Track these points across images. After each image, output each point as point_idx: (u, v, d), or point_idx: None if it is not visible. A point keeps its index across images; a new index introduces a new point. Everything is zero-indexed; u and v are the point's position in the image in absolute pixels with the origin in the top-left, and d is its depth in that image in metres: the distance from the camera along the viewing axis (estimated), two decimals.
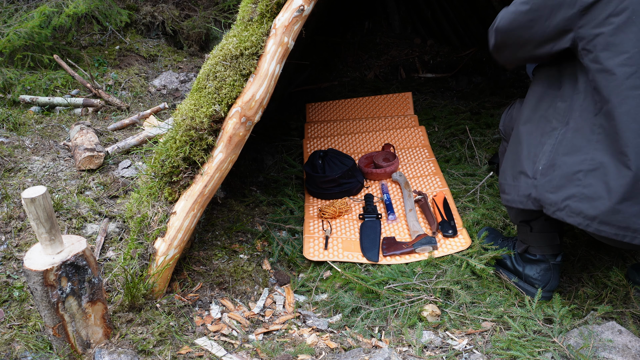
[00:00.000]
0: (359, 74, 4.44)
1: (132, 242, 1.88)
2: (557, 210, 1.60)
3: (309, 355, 1.71)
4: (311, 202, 2.75)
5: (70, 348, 1.55)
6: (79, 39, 4.19)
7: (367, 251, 2.30)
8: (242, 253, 2.29)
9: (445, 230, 2.34)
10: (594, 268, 2.09)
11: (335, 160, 2.83)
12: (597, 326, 1.71)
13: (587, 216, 1.53)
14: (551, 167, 1.63)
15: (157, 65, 4.27)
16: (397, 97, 3.69)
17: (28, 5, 4.06)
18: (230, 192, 2.70)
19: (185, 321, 1.84)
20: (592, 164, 1.53)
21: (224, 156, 1.90)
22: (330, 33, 4.60)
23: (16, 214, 2.16)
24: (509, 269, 2.06)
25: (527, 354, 1.63)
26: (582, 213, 1.54)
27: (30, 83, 3.57)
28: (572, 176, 1.57)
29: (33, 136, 2.96)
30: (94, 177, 2.54)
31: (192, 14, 4.62)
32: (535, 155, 1.70)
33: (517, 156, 1.76)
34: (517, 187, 1.74)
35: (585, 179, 1.54)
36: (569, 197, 1.57)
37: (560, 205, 1.59)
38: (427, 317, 1.90)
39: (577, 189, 1.55)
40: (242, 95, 1.89)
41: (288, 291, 2.16)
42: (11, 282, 1.87)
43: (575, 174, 1.56)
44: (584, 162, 1.55)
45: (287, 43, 1.90)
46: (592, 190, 1.52)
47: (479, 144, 3.13)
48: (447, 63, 4.38)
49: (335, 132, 3.48)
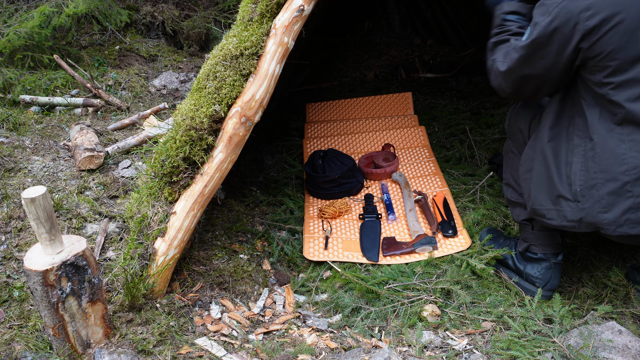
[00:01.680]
0: (359, 74, 4.43)
1: (132, 242, 1.88)
2: (618, 227, 1.58)
3: (309, 355, 1.71)
4: (311, 202, 2.75)
5: (70, 348, 1.55)
6: (79, 39, 4.19)
7: (367, 251, 2.30)
8: (242, 253, 2.29)
9: (445, 230, 2.34)
10: (594, 268, 2.09)
11: (335, 160, 2.83)
12: (597, 326, 1.71)
13: None
14: (592, 188, 1.61)
15: (157, 65, 4.27)
16: (397, 97, 3.69)
17: (28, 5, 4.06)
18: (230, 192, 2.70)
19: (185, 321, 1.84)
20: (636, 172, 1.52)
21: (224, 156, 1.90)
22: (330, 33, 4.60)
23: (16, 214, 2.16)
24: (510, 268, 2.06)
25: (527, 354, 1.63)
26: None
27: (30, 83, 3.57)
28: (620, 190, 1.55)
29: (33, 136, 2.96)
30: (94, 177, 2.54)
31: (192, 14, 4.62)
32: (568, 177, 1.67)
33: (550, 179, 1.73)
34: (562, 211, 1.70)
35: (634, 188, 1.53)
36: (625, 210, 1.56)
37: (620, 221, 1.57)
38: (427, 317, 1.90)
39: (630, 200, 1.54)
40: (242, 95, 1.89)
41: (288, 291, 2.16)
42: (11, 282, 1.87)
43: (622, 187, 1.55)
44: (627, 173, 1.54)
45: (287, 43, 1.90)
46: None
47: (479, 144, 3.13)
48: (447, 63, 4.37)
49: (336, 132, 3.48)
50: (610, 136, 1.56)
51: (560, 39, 1.57)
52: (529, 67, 1.67)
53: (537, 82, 1.71)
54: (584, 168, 1.62)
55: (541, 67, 1.64)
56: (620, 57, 1.51)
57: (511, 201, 2.01)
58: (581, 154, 1.63)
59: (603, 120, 1.58)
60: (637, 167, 1.52)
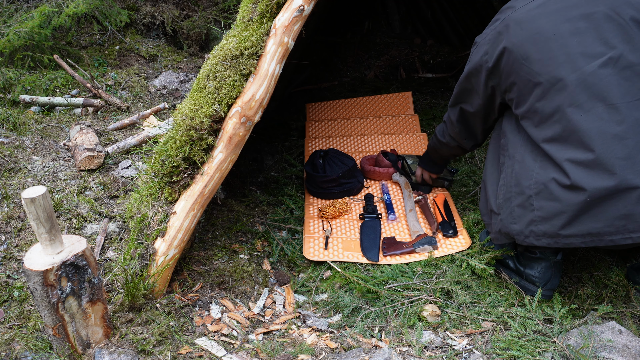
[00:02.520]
0: (359, 74, 4.44)
1: (132, 242, 1.88)
2: (525, 237, 1.73)
3: (309, 355, 1.71)
4: (311, 202, 2.75)
5: (70, 348, 1.55)
6: (79, 39, 4.19)
7: (367, 251, 2.30)
8: (242, 253, 2.29)
9: (445, 230, 2.34)
10: (594, 268, 2.09)
11: (335, 160, 2.83)
12: (597, 326, 1.71)
13: (551, 235, 1.64)
14: (507, 200, 1.77)
15: (157, 65, 4.27)
16: (397, 96, 3.69)
17: (28, 5, 4.06)
18: (230, 192, 2.70)
19: (185, 321, 1.84)
20: (537, 187, 1.65)
21: (224, 156, 1.90)
22: (330, 33, 4.60)
23: (16, 214, 2.16)
24: (510, 268, 2.06)
25: (527, 354, 1.63)
26: (546, 233, 1.65)
27: (30, 83, 3.57)
28: (526, 202, 1.69)
29: (33, 136, 2.96)
30: (94, 177, 2.54)
31: (192, 14, 4.62)
32: (495, 192, 1.86)
33: (486, 196, 1.94)
34: (492, 225, 1.89)
35: (535, 202, 1.66)
36: (529, 223, 1.69)
37: (526, 232, 1.71)
38: (427, 317, 1.90)
39: (533, 213, 1.67)
40: (242, 95, 1.89)
41: (288, 291, 2.16)
42: (11, 282, 1.87)
43: (527, 200, 1.68)
44: (530, 187, 1.67)
45: (287, 43, 1.90)
46: (545, 211, 1.64)
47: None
48: (447, 63, 4.38)
49: (336, 132, 3.48)
50: (527, 155, 1.71)
51: (475, 82, 1.89)
52: (463, 103, 2.02)
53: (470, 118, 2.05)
54: (505, 183, 1.78)
55: (470, 104, 1.98)
56: (517, 87, 1.70)
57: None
58: (505, 170, 1.80)
59: (524, 142, 1.73)
60: (539, 182, 1.64)
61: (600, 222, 1.54)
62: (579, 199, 1.55)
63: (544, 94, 1.63)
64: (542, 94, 1.63)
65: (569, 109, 1.58)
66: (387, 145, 3.27)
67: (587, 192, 1.53)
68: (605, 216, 1.53)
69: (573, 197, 1.57)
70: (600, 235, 1.56)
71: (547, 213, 1.63)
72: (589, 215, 1.56)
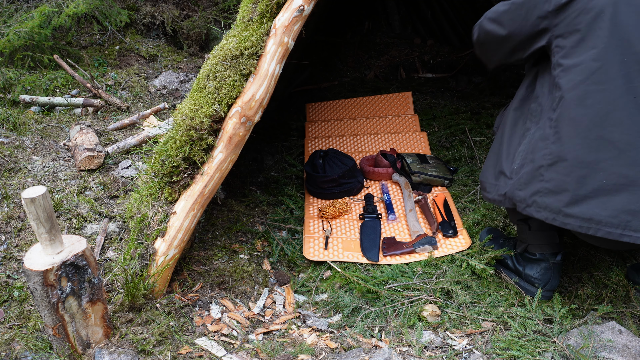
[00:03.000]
0: (359, 74, 4.44)
1: (132, 242, 1.88)
2: (526, 206, 1.66)
3: (309, 355, 1.71)
4: (311, 202, 2.75)
5: (70, 348, 1.55)
6: (79, 39, 4.19)
7: (367, 251, 2.30)
8: (242, 253, 2.29)
9: (445, 230, 2.34)
10: (594, 268, 2.09)
11: (335, 160, 2.83)
12: (597, 326, 1.71)
13: (552, 210, 1.58)
14: (522, 167, 1.70)
15: (157, 65, 4.27)
16: (397, 96, 3.69)
17: (28, 5, 4.06)
18: (230, 192, 2.70)
19: (185, 321, 1.84)
20: (551, 158, 1.58)
21: (224, 156, 1.90)
22: (330, 33, 4.60)
23: (16, 214, 2.16)
24: (510, 269, 2.06)
25: (527, 354, 1.63)
26: (548, 207, 1.59)
27: (30, 83, 3.57)
28: (536, 172, 1.63)
29: (33, 136, 2.96)
30: (94, 177, 2.54)
31: (192, 14, 4.62)
32: (512, 155, 1.77)
33: (499, 156, 1.84)
34: (497, 186, 1.81)
35: (546, 173, 1.60)
36: (535, 192, 1.63)
37: (528, 202, 1.65)
38: (427, 317, 1.90)
39: (540, 184, 1.61)
40: (242, 95, 1.89)
41: (288, 291, 2.16)
42: (11, 282, 1.87)
43: (538, 170, 1.62)
44: (544, 158, 1.60)
45: (287, 43, 1.90)
46: (554, 184, 1.57)
47: (479, 144, 3.13)
48: (447, 63, 4.37)
49: (336, 132, 3.48)
50: (546, 121, 1.62)
51: (532, 6, 1.64)
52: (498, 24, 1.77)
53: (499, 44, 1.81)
54: (526, 149, 1.70)
55: (509, 29, 1.73)
56: (577, 39, 1.55)
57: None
58: (528, 137, 1.70)
59: (548, 106, 1.64)
60: (553, 153, 1.57)
61: (606, 211, 1.50)
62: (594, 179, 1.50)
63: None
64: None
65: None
66: (387, 145, 3.26)
67: (604, 174, 1.48)
68: (614, 206, 1.49)
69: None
70: (600, 224, 1.51)
71: (555, 186, 1.57)
72: (598, 200, 1.51)
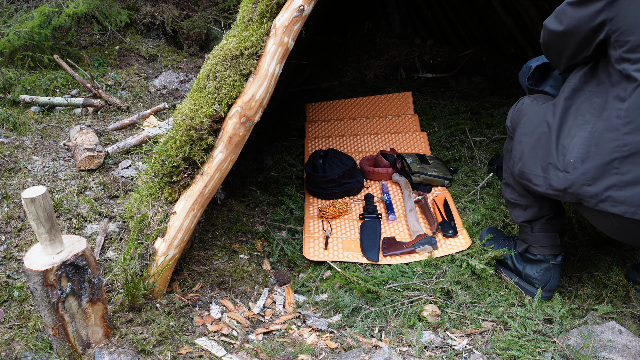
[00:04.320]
0: (359, 74, 4.44)
1: (132, 242, 1.88)
2: (599, 202, 1.56)
3: (309, 355, 1.71)
4: (311, 202, 2.75)
5: (70, 348, 1.55)
6: (79, 39, 4.19)
7: (367, 251, 2.30)
8: (242, 253, 2.29)
9: (445, 230, 2.34)
10: (594, 268, 2.09)
11: (335, 160, 2.83)
12: (597, 326, 1.71)
13: (632, 203, 1.49)
14: (584, 161, 1.60)
15: (157, 65, 4.27)
16: (397, 96, 3.69)
17: (28, 5, 4.06)
18: (230, 192, 2.70)
19: (185, 321, 1.84)
20: (627, 150, 1.49)
21: (224, 156, 1.90)
22: (330, 33, 4.60)
23: (16, 214, 2.16)
24: (509, 269, 2.06)
25: (527, 354, 1.63)
26: (627, 201, 1.50)
27: (30, 83, 3.57)
28: (607, 165, 1.53)
29: (33, 136, 2.96)
30: (94, 177, 2.54)
31: (192, 14, 4.62)
32: (565, 147, 1.66)
33: (547, 147, 1.72)
34: (549, 179, 1.70)
35: (621, 166, 1.51)
36: (609, 187, 1.53)
37: (601, 197, 1.55)
38: (427, 317, 1.90)
39: (615, 177, 1.52)
40: (242, 95, 1.89)
41: (288, 291, 2.16)
42: (11, 282, 1.87)
43: (610, 163, 1.52)
44: (617, 150, 1.51)
45: (287, 43, 1.90)
46: (633, 176, 1.48)
47: (479, 144, 3.13)
48: (447, 63, 4.38)
49: (336, 132, 3.48)
50: (614, 113, 1.54)
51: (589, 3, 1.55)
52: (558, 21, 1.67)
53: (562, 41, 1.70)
54: (586, 143, 1.60)
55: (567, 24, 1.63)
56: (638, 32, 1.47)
57: (510, 202, 2.00)
58: (588, 130, 1.61)
59: (615, 98, 1.56)
60: (628, 144, 1.49)
61: None
62: None
63: None
64: None
65: None
66: (387, 145, 3.26)
67: None
68: None
69: None
70: None
71: (634, 178, 1.47)
72: None
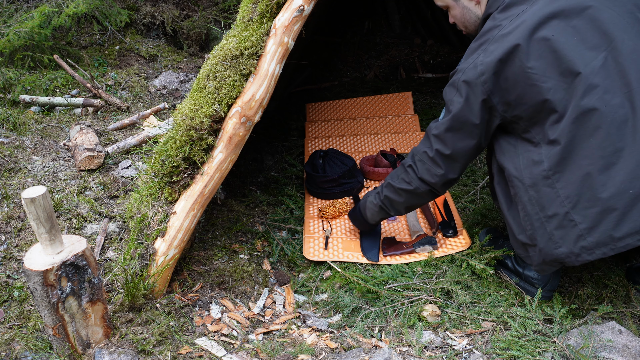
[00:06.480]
0: (359, 74, 4.44)
1: (132, 242, 1.88)
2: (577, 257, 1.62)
3: (309, 355, 1.71)
4: (311, 202, 2.75)
5: (70, 348, 1.55)
6: (79, 39, 4.20)
7: (367, 251, 2.30)
8: (242, 253, 2.29)
9: (445, 230, 2.34)
10: (594, 268, 2.09)
11: (335, 160, 2.83)
12: (597, 326, 1.71)
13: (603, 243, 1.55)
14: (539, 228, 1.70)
15: (157, 65, 4.27)
16: (397, 96, 3.69)
17: (28, 5, 4.06)
18: (230, 192, 2.70)
19: (185, 321, 1.84)
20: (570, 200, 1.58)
21: (224, 156, 1.90)
22: (330, 33, 4.60)
23: (16, 214, 2.16)
24: (509, 269, 2.06)
25: (527, 354, 1.63)
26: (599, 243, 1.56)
27: (30, 83, 3.57)
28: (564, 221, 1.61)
29: (33, 136, 2.96)
30: (94, 177, 2.54)
31: (192, 14, 4.62)
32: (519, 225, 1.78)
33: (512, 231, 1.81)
34: (532, 256, 1.77)
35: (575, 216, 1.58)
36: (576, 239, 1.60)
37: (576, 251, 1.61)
38: (427, 317, 1.90)
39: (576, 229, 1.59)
40: (242, 95, 1.89)
41: (288, 291, 2.16)
42: (11, 282, 1.87)
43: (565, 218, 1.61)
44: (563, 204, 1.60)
45: (287, 43, 1.90)
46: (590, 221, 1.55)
47: None
48: (447, 63, 4.38)
49: (336, 132, 3.48)
50: (538, 178, 1.63)
51: (473, 106, 1.70)
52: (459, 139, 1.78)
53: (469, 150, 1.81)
54: (527, 213, 1.69)
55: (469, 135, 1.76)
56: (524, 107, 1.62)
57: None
58: (522, 201, 1.70)
59: (528, 165, 1.66)
60: (569, 196, 1.57)
61: None
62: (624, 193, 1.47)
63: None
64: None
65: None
66: (387, 145, 3.26)
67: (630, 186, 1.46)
68: None
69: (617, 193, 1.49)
70: None
71: (593, 221, 1.54)
72: (637, 209, 1.47)
